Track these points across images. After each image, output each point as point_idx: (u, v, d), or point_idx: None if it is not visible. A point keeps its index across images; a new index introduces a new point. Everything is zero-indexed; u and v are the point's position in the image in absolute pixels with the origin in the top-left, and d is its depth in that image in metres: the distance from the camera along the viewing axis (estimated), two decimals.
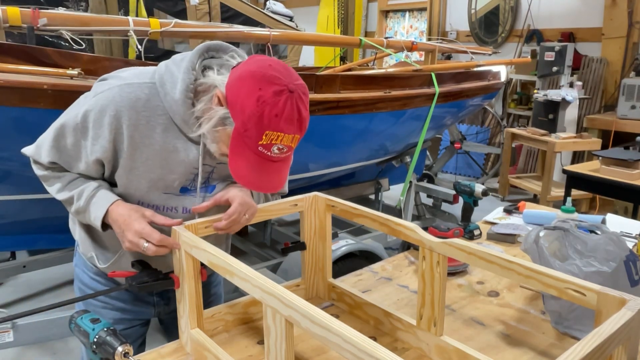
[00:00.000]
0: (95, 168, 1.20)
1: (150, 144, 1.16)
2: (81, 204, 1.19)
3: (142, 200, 1.23)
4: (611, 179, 3.17)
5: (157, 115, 1.15)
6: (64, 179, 1.24)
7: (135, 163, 1.17)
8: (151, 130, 1.15)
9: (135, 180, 1.19)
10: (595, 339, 0.76)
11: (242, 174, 1.10)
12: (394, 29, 8.24)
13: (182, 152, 1.19)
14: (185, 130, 1.17)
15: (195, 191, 1.25)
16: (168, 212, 1.25)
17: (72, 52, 2.06)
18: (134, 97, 1.13)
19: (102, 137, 1.14)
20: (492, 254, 1.03)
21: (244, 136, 1.07)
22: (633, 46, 5.20)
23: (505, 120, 6.30)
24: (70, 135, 1.17)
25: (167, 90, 1.15)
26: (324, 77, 2.79)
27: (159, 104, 1.15)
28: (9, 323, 2.17)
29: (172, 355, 1.19)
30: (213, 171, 1.26)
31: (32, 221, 2.53)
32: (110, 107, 1.12)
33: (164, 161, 1.18)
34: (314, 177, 3.23)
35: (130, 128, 1.13)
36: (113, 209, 1.17)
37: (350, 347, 0.76)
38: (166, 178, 1.20)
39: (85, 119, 1.14)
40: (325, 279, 1.44)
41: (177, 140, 1.18)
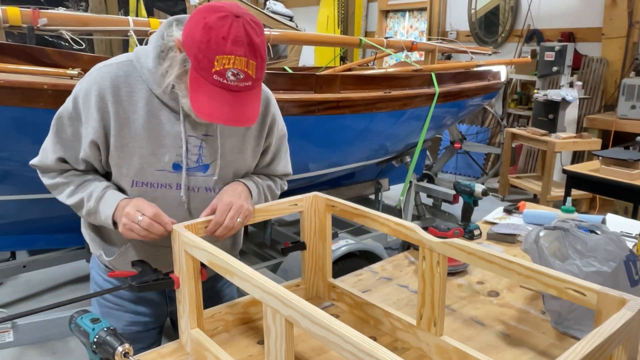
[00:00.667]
0: (94, 154, 1.22)
1: (135, 119, 1.20)
2: (91, 205, 1.22)
3: (137, 179, 1.23)
4: (611, 179, 3.17)
5: (138, 89, 1.20)
6: (72, 184, 1.26)
7: (125, 139, 1.20)
8: (134, 105, 1.20)
9: (127, 158, 1.21)
10: (595, 339, 0.76)
11: (205, 109, 1.10)
12: (394, 29, 8.24)
13: (167, 124, 1.22)
14: (165, 99, 1.21)
15: (189, 170, 1.25)
16: (163, 189, 1.25)
17: (72, 52, 2.06)
18: (114, 75, 1.19)
19: (92, 118, 1.18)
20: (492, 254, 1.03)
21: (199, 69, 1.08)
22: (633, 46, 5.21)
23: (505, 120, 6.30)
24: (68, 125, 1.22)
25: (142, 63, 1.20)
26: (324, 77, 2.79)
27: (137, 78, 1.20)
28: (9, 323, 2.17)
29: (172, 355, 1.19)
30: (202, 145, 1.26)
31: (32, 221, 2.53)
32: (94, 88, 1.18)
33: (151, 135, 1.21)
34: (314, 177, 3.23)
35: (115, 105, 1.18)
36: (122, 204, 1.20)
37: (350, 347, 0.76)
38: (156, 152, 1.22)
39: (75, 104, 1.20)
40: (325, 279, 1.44)
41: (160, 113, 1.22)
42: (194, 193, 1.29)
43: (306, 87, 2.68)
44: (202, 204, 1.28)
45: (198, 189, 1.29)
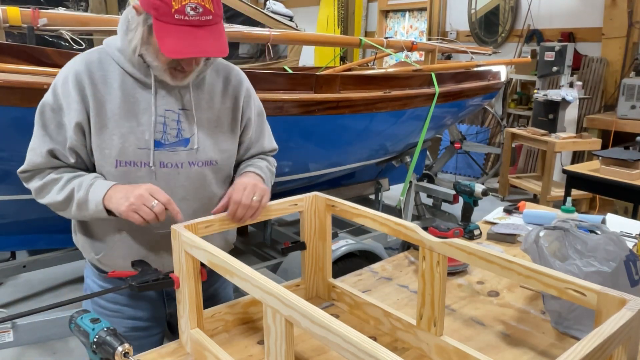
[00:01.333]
0: (80, 140, 1.23)
1: (111, 99, 1.23)
2: (81, 195, 1.22)
3: (120, 159, 1.24)
4: (611, 179, 3.17)
5: (111, 71, 1.24)
6: (63, 179, 1.25)
7: (103, 121, 1.22)
8: (109, 87, 1.23)
9: (108, 139, 1.23)
10: (595, 339, 0.76)
11: (173, 47, 1.13)
12: (394, 29, 8.25)
13: (143, 102, 1.25)
14: (138, 75, 1.24)
15: (169, 145, 1.26)
16: (145, 167, 1.25)
17: (72, 52, 2.06)
18: (87, 61, 1.24)
19: (73, 101, 1.21)
20: (492, 254, 1.03)
21: (160, 16, 1.13)
22: (633, 46, 5.21)
23: (505, 120, 6.30)
24: (51, 117, 1.23)
25: (112, 46, 1.26)
26: (324, 77, 2.79)
27: (110, 61, 1.25)
28: (9, 323, 2.17)
29: (172, 355, 1.19)
30: (180, 120, 1.28)
31: (32, 221, 2.53)
32: (70, 74, 1.22)
33: (128, 113, 1.24)
34: (314, 177, 3.23)
35: (91, 87, 1.22)
36: (115, 187, 1.21)
37: (350, 347, 0.76)
38: (135, 131, 1.24)
39: (55, 95, 1.23)
40: (325, 279, 1.44)
41: (134, 91, 1.25)
42: (177, 169, 1.28)
43: (306, 87, 2.68)
44: (187, 181, 1.29)
45: (182, 164, 1.28)
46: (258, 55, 4.20)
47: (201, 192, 1.32)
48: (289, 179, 2.97)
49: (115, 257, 1.32)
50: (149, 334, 1.44)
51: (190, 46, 1.14)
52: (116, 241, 1.31)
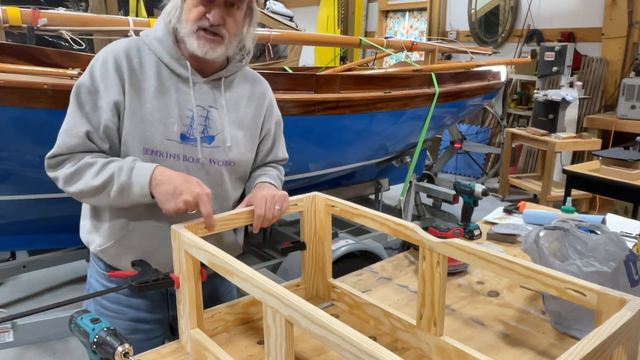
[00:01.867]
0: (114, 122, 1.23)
1: (146, 87, 1.25)
2: (124, 178, 1.18)
3: (147, 147, 1.25)
4: (611, 179, 3.17)
5: (147, 60, 1.27)
6: (98, 164, 1.21)
7: (137, 106, 1.24)
8: (145, 74, 1.26)
9: (138, 125, 1.24)
10: (595, 339, 0.76)
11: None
12: (394, 29, 8.25)
13: (175, 94, 1.27)
14: (174, 66, 1.27)
15: (193, 140, 1.28)
16: (171, 159, 1.27)
17: (72, 52, 2.06)
18: (126, 47, 1.27)
19: (112, 83, 1.22)
20: (492, 254, 1.03)
21: None
22: (633, 46, 5.21)
23: (505, 120, 6.30)
24: (88, 100, 1.23)
25: (150, 36, 1.29)
26: (324, 77, 2.79)
27: (147, 51, 1.28)
28: (9, 323, 2.17)
29: (172, 355, 1.19)
30: (208, 117, 1.30)
31: (32, 221, 2.53)
32: (110, 56, 1.24)
33: (160, 103, 1.26)
34: (314, 177, 3.23)
35: (128, 72, 1.24)
36: (159, 170, 1.20)
37: (350, 347, 0.76)
38: (165, 122, 1.26)
39: (92, 76, 1.23)
40: (325, 279, 1.44)
41: (169, 82, 1.27)
42: (197, 164, 1.30)
43: (306, 87, 2.68)
44: (206, 177, 1.31)
45: (203, 160, 1.31)
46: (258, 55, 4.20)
47: (217, 190, 1.34)
48: (288, 179, 2.97)
49: (123, 254, 1.32)
50: (150, 337, 1.43)
51: None
52: (130, 230, 1.31)
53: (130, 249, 1.32)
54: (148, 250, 1.32)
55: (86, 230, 1.40)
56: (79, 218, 1.41)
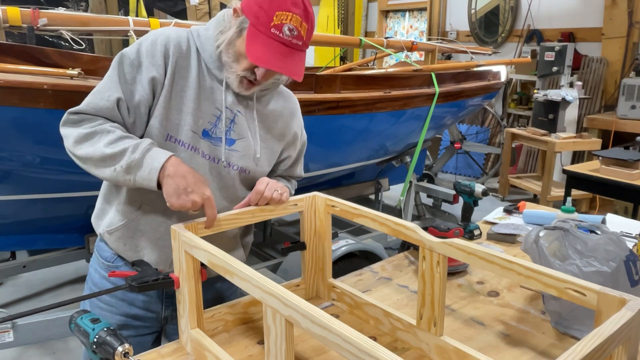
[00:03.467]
0: (148, 98, 1.24)
1: (187, 75, 1.28)
2: (136, 156, 1.16)
3: (172, 134, 1.26)
4: (611, 179, 3.17)
5: (193, 51, 1.29)
6: (116, 134, 1.20)
7: (172, 92, 1.26)
8: (189, 63, 1.28)
9: (169, 110, 1.26)
10: (595, 339, 0.76)
11: (260, 56, 1.19)
12: (394, 29, 8.25)
13: (208, 91, 1.29)
14: (212, 66, 1.29)
15: (215, 139, 1.30)
16: (191, 151, 1.28)
17: (72, 52, 2.06)
18: (178, 35, 1.29)
19: (157, 61, 1.24)
20: (492, 254, 1.03)
21: (257, 25, 1.19)
22: (633, 46, 5.21)
23: (505, 120, 6.30)
24: (128, 71, 1.24)
25: (201, 34, 1.31)
26: (324, 77, 2.79)
27: (194, 46, 1.30)
28: (9, 323, 2.17)
29: (172, 355, 1.19)
30: (234, 120, 1.32)
31: (32, 221, 2.53)
32: (161, 37, 1.26)
33: (195, 95, 1.27)
34: (314, 177, 3.23)
35: (174, 57, 1.26)
36: (174, 161, 1.18)
37: (350, 347, 0.76)
38: (194, 114, 1.27)
39: (139, 51, 1.25)
40: (325, 279, 1.44)
41: (206, 80, 1.29)
42: (213, 163, 1.32)
43: (306, 87, 2.69)
44: (218, 178, 1.33)
45: (218, 160, 1.32)
46: None
47: (227, 192, 1.35)
48: None
49: (131, 232, 1.32)
50: (139, 333, 1.42)
51: (275, 60, 1.19)
52: (139, 214, 1.31)
53: (138, 232, 1.32)
54: (154, 238, 1.32)
55: (96, 213, 1.41)
56: (79, 218, 1.41)
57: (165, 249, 1.31)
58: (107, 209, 1.37)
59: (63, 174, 2.14)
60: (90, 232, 2.54)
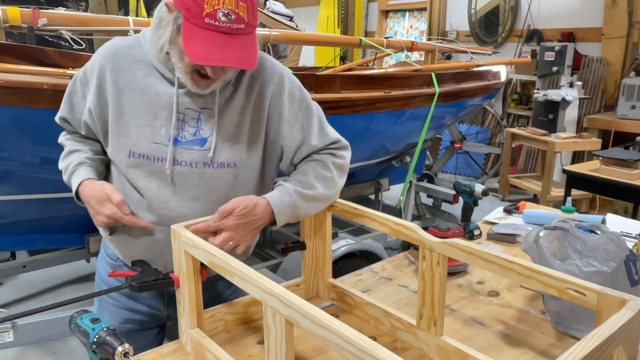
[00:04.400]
0: (92, 120, 1.29)
1: (133, 88, 1.23)
2: (66, 178, 1.32)
3: (134, 150, 1.24)
4: (611, 179, 3.17)
5: (139, 61, 1.24)
6: (65, 149, 1.36)
7: (122, 109, 1.23)
8: (133, 75, 1.23)
9: (125, 128, 1.24)
10: (595, 339, 0.76)
11: (199, 53, 1.09)
12: (394, 29, 8.24)
13: (164, 96, 1.23)
14: (164, 71, 1.23)
15: (187, 143, 1.23)
16: (158, 162, 1.24)
17: (72, 52, 2.06)
18: (118, 45, 1.26)
19: (93, 86, 1.25)
20: (492, 254, 1.03)
21: (190, 17, 1.09)
22: (633, 46, 5.20)
23: (505, 120, 6.30)
24: (79, 89, 1.30)
25: (145, 37, 1.26)
26: (324, 77, 2.79)
27: (140, 51, 1.25)
28: (9, 323, 2.17)
29: (172, 355, 1.19)
30: (200, 118, 1.24)
31: (32, 221, 2.53)
32: (99, 56, 1.26)
33: (148, 106, 1.23)
34: None
35: (114, 73, 1.23)
36: (82, 189, 1.26)
37: (350, 347, 0.76)
38: (153, 124, 1.23)
39: (84, 71, 1.29)
40: (325, 279, 1.44)
41: (158, 85, 1.23)
42: (191, 168, 1.25)
43: (306, 87, 2.67)
44: (200, 182, 1.25)
45: (196, 164, 1.24)
46: None
47: (215, 194, 1.27)
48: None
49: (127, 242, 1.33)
50: (143, 327, 1.44)
51: (215, 53, 1.09)
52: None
53: (132, 239, 1.31)
54: (147, 245, 1.31)
55: None
56: (79, 218, 1.42)
57: (163, 256, 1.29)
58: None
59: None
60: (90, 232, 2.54)
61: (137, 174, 1.25)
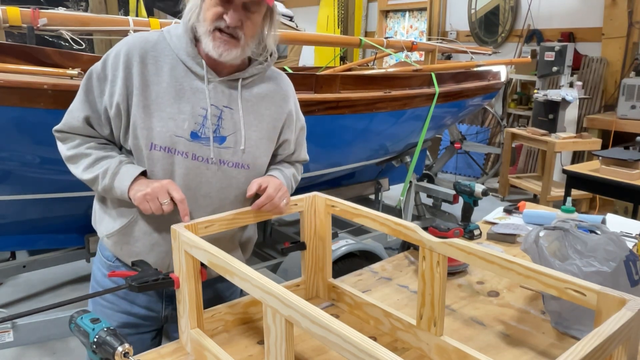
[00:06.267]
0: (116, 120, 1.26)
1: (159, 81, 1.25)
2: (107, 182, 1.25)
3: (155, 142, 1.25)
4: (611, 179, 3.17)
5: (165, 55, 1.27)
6: (91, 157, 1.28)
7: (147, 101, 1.24)
8: (159, 69, 1.25)
9: (147, 120, 1.24)
10: (595, 339, 0.76)
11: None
12: (394, 29, 8.24)
13: (189, 91, 1.26)
14: (190, 63, 1.26)
15: (205, 139, 1.27)
16: (179, 156, 1.26)
17: (72, 52, 2.06)
18: (144, 39, 1.27)
19: (119, 78, 1.23)
20: (492, 254, 1.03)
21: None
22: (633, 46, 5.21)
23: (505, 120, 6.30)
24: (96, 85, 1.26)
25: (172, 33, 1.29)
26: (324, 77, 2.79)
27: (166, 46, 1.28)
28: (9, 323, 2.17)
29: (172, 355, 1.19)
30: (221, 117, 1.29)
31: (32, 221, 2.53)
32: (124, 49, 1.25)
33: (172, 99, 1.25)
34: (314, 177, 3.23)
35: (140, 65, 1.24)
36: (139, 180, 1.24)
37: (350, 347, 0.77)
38: (176, 118, 1.25)
39: (104, 65, 1.26)
40: (325, 279, 1.44)
41: (184, 79, 1.26)
42: (207, 164, 1.29)
43: (306, 87, 2.68)
44: (214, 178, 1.30)
45: (212, 160, 1.29)
46: None
47: (226, 192, 1.32)
48: None
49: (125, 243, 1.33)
50: (140, 331, 1.43)
51: None
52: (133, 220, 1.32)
53: (133, 239, 1.32)
54: (148, 244, 1.32)
55: (95, 218, 1.42)
56: (79, 218, 1.42)
57: (161, 255, 1.31)
58: (104, 215, 1.38)
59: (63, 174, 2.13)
60: (90, 232, 2.54)
61: (156, 166, 1.26)
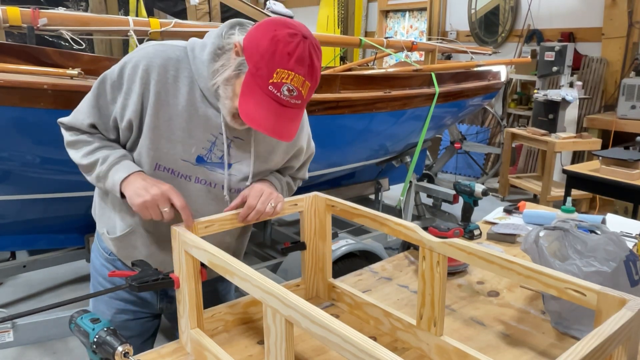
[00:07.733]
0: (126, 133, 1.24)
1: (174, 103, 1.20)
2: (103, 168, 1.21)
3: (160, 163, 1.24)
4: (611, 179, 3.17)
5: (184, 76, 1.21)
6: (94, 144, 1.25)
7: (159, 121, 1.20)
8: (177, 90, 1.20)
9: (156, 140, 1.22)
10: (595, 339, 0.76)
11: (251, 114, 1.11)
12: (394, 29, 8.24)
13: (202, 117, 1.23)
14: (208, 94, 1.21)
15: (210, 164, 1.26)
16: (183, 179, 1.26)
17: (72, 52, 2.06)
18: (166, 56, 1.20)
19: (134, 92, 1.18)
20: (492, 254, 1.03)
21: (256, 76, 1.10)
22: (633, 46, 5.20)
23: (505, 120, 6.30)
24: (109, 92, 1.21)
25: (196, 54, 1.21)
26: (324, 77, 2.79)
27: (187, 66, 1.21)
28: (9, 323, 2.17)
29: (172, 355, 1.19)
30: (230, 145, 1.27)
31: (32, 221, 2.53)
32: (143, 62, 1.18)
33: (184, 123, 1.22)
34: (314, 177, 3.23)
35: (158, 84, 1.18)
36: (137, 175, 1.20)
37: (350, 347, 0.76)
38: (185, 142, 1.23)
39: (121, 73, 1.20)
40: (325, 279, 1.44)
41: (199, 105, 1.22)
42: (209, 187, 1.29)
43: None
44: (215, 200, 1.29)
45: (216, 184, 1.29)
46: None
47: (221, 209, 1.30)
48: None
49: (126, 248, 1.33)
50: (137, 317, 1.46)
51: (267, 120, 1.11)
52: (133, 229, 1.32)
53: (131, 247, 1.33)
54: (146, 254, 1.33)
55: (97, 212, 1.42)
56: (79, 218, 1.42)
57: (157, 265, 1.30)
58: (106, 211, 1.38)
59: (63, 174, 2.14)
60: (90, 232, 2.54)
61: None
